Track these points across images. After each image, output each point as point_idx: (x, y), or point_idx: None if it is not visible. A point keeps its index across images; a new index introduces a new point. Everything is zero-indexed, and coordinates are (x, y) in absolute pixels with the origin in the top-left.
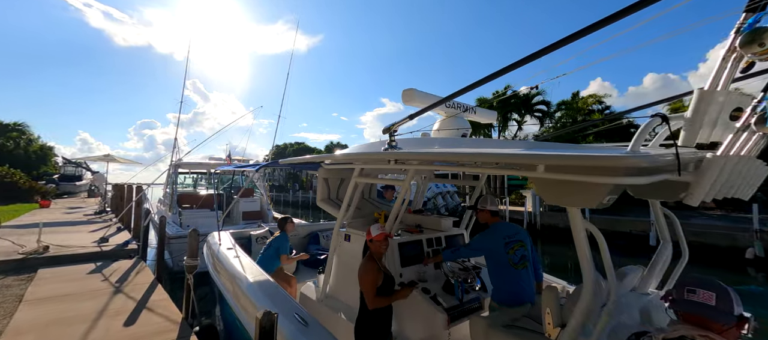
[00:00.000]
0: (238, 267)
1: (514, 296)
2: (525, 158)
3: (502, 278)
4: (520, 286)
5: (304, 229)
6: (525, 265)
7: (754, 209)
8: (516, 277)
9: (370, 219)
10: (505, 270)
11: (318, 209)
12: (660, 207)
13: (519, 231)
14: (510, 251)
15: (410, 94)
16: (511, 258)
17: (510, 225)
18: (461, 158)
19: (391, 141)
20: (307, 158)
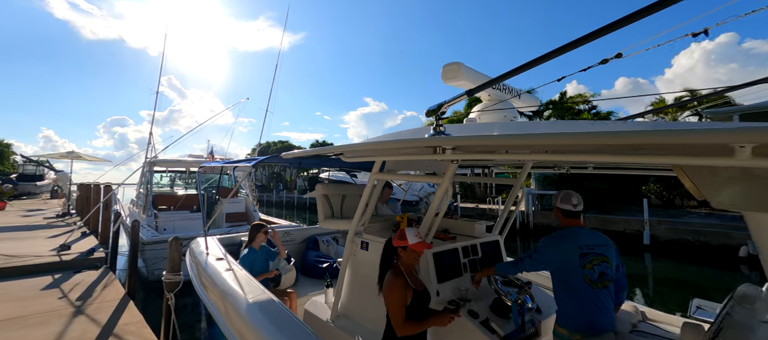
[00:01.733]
0: (231, 282)
1: (591, 322)
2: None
3: (574, 298)
4: (598, 309)
5: (300, 233)
6: (605, 284)
7: None
8: (593, 297)
9: (389, 224)
10: (580, 288)
11: (303, 209)
12: None
13: (603, 242)
14: (587, 265)
15: (455, 69)
16: (587, 274)
17: (591, 232)
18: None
19: (439, 126)
20: (319, 151)
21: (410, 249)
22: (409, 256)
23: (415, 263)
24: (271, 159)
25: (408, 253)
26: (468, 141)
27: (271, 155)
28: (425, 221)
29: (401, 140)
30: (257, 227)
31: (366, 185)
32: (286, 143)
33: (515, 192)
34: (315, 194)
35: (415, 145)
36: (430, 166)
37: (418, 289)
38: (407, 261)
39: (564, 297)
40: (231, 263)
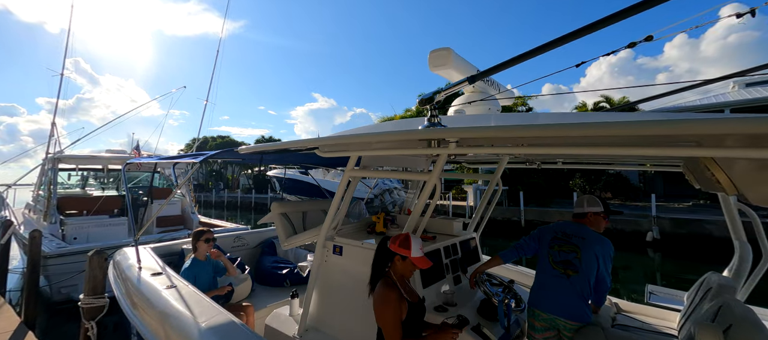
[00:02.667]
0: (174, 302)
1: (557, 303)
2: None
3: (538, 277)
4: (566, 295)
5: (254, 236)
6: (567, 272)
7: (652, 198)
8: (557, 281)
9: (363, 224)
10: (543, 265)
11: (248, 209)
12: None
13: (583, 236)
14: (555, 246)
15: (444, 56)
16: (552, 254)
17: (580, 227)
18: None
19: (433, 117)
20: (289, 144)
21: (410, 261)
22: (406, 267)
23: (410, 275)
24: (225, 154)
25: (406, 264)
26: (473, 133)
27: (225, 150)
28: (411, 221)
29: (390, 133)
30: (199, 233)
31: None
32: (227, 139)
33: (491, 188)
34: (269, 217)
35: (408, 137)
36: (407, 162)
37: (413, 300)
38: (401, 271)
39: (535, 278)
40: (173, 278)
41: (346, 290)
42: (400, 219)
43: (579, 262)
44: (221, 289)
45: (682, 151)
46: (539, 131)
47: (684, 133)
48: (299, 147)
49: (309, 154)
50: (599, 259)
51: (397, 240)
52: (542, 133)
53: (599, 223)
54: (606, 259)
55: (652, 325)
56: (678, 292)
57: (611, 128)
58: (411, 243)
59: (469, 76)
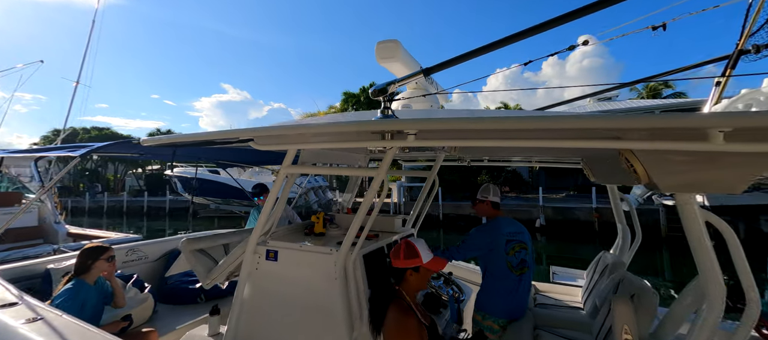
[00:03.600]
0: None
1: (509, 308)
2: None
3: (496, 284)
4: (517, 295)
5: (155, 248)
6: (523, 270)
7: (539, 191)
8: (512, 284)
9: (300, 226)
10: (503, 275)
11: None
12: (617, 192)
13: (523, 231)
14: (510, 251)
15: (392, 48)
16: (510, 261)
17: (513, 222)
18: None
19: (386, 109)
20: (214, 136)
21: (424, 270)
22: (422, 279)
23: (425, 286)
24: (122, 146)
25: (421, 275)
26: (433, 125)
27: (122, 141)
28: (357, 220)
29: (342, 124)
30: (96, 251)
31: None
32: (106, 131)
33: (429, 184)
34: (180, 264)
35: (361, 129)
36: (342, 159)
37: (427, 322)
38: (416, 286)
39: (488, 283)
40: (37, 309)
41: (284, 300)
42: (340, 219)
43: (529, 258)
44: (115, 324)
45: (612, 144)
46: (497, 123)
47: (617, 127)
48: (228, 139)
49: (236, 149)
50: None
51: (400, 253)
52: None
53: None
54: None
55: (563, 301)
56: (576, 271)
57: (566, 122)
58: (417, 248)
59: (423, 69)
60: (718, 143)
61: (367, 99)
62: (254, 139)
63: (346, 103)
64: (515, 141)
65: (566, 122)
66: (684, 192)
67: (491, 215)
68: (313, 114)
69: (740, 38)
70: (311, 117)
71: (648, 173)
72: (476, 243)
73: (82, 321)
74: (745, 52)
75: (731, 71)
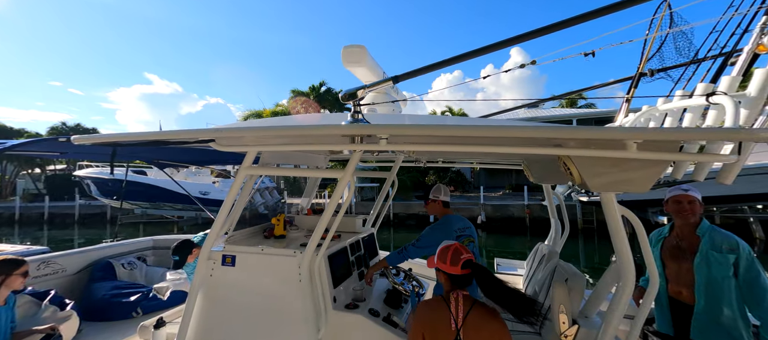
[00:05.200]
0: None
1: None
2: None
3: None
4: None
5: (75, 259)
6: None
7: (481, 190)
8: None
9: (257, 229)
10: None
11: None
12: (551, 190)
13: (470, 226)
14: None
15: (359, 53)
16: None
17: (461, 218)
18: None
19: (356, 113)
20: (168, 135)
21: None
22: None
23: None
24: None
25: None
26: (404, 130)
27: (46, 138)
28: (321, 222)
29: (311, 127)
30: (8, 265)
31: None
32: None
33: (388, 185)
34: None
35: (331, 133)
36: (308, 160)
37: None
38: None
39: None
40: None
41: (243, 307)
42: (299, 221)
43: (476, 250)
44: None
45: (554, 150)
46: (461, 131)
47: (559, 137)
48: (185, 139)
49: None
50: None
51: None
52: (463, 133)
53: None
54: None
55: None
56: (517, 261)
57: (520, 131)
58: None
59: (392, 77)
60: (633, 152)
61: (316, 98)
62: (216, 140)
63: (294, 101)
64: (475, 147)
65: (520, 131)
66: (607, 191)
67: (441, 213)
68: (258, 111)
69: (640, 63)
70: (255, 115)
71: (581, 175)
72: (430, 240)
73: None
74: (643, 74)
75: (634, 90)
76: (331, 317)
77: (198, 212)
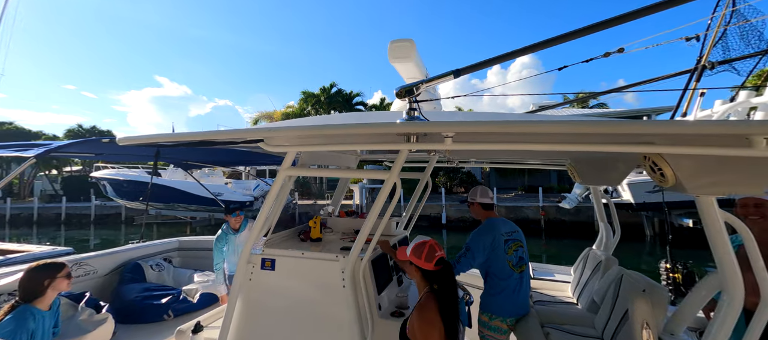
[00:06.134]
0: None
1: (513, 306)
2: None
3: (502, 284)
4: (519, 293)
5: (105, 260)
6: (522, 268)
7: (494, 191)
8: (515, 283)
9: (291, 233)
10: (506, 275)
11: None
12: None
13: (517, 229)
14: (509, 250)
15: (408, 47)
16: (510, 260)
17: (506, 221)
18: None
19: (413, 110)
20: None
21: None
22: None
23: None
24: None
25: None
26: (471, 128)
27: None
28: (366, 226)
29: (359, 126)
30: (51, 269)
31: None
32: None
33: (421, 185)
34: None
35: (385, 131)
36: (339, 160)
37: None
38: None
39: (491, 284)
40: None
41: (283, 312)
42: (333, 223)
43: (526, 255)
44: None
45: (642, 148)
46: (536, 127)
47: (652, 133)
48: (232, 140)
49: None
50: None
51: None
52: (537, 130)
53: None
54: None
55: (557, 297)
56: (551, 266)
57: (604, 127)
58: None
59: (454, 70)
60: (761, 149)
61: (327, 99)
62: (265, 140)
63: (305, 103)
64: (543, 145)
65: (604, 127)
66: (710, 194)
67: (484, 216)
68: (269, 113)
69: (702, 55)
70: (267, 117)
71: (676, 176)
72: (479, 246)
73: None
74: (704, 67)
75: (696, 84)
76: (377, 326)
77: (211, 212)
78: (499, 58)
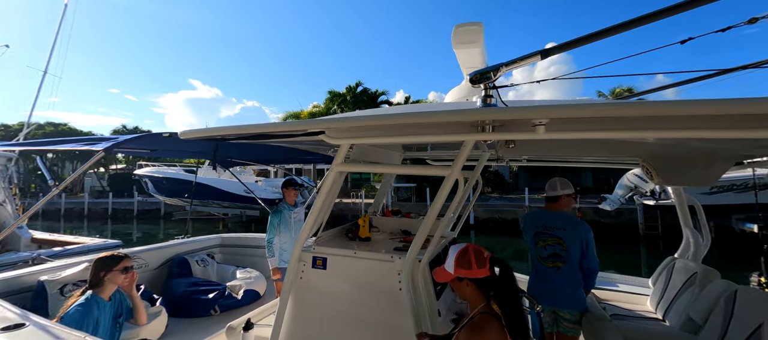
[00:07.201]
0: None
1: (538, 293)
2: None
3: (532, 271)
4: (545, 283)
5: (155, 254)
6: (556, 264)
7: (526, 191)
8: (542, 272)
9: (341, 230)
10: (534, 263)
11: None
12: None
13: (564, 227)
14: (539, 242)
15: (476, 32)
16: (539, 251)
17: (556, 215)
18: None
19: (489, 97)
20: (270, 127)
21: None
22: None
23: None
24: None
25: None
26: (569, 112)
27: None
28: (424, 226)
29: (436, 114)
30: (112, 260)
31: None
32: (64, 127)
33: (471, 184)
34: None
35: (454, 119)
36: (384, 156)
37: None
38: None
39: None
40: (52, 330)
41: (335, 315)
42: (378, 222)
43: (566, 253)
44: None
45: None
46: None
47: None
48: (293, 131)
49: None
50: (583, 245)
51: (471, 261)
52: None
53: (570, 204)
54: (590, 242)
55: (634, 310)
56: (609, 274)
57: (720, 106)
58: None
59: (541, 50)
60: None
61: (353, 98)
62: (326, 132)
63: (331, 102)
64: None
65: (750, 107)
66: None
67: (548, 208)
68: (296, 113)
69: None
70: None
71: None
72: (524, 234)
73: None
74: None
75: None
76: (436, 332)
77: (242, 209)
78: (590, 37)
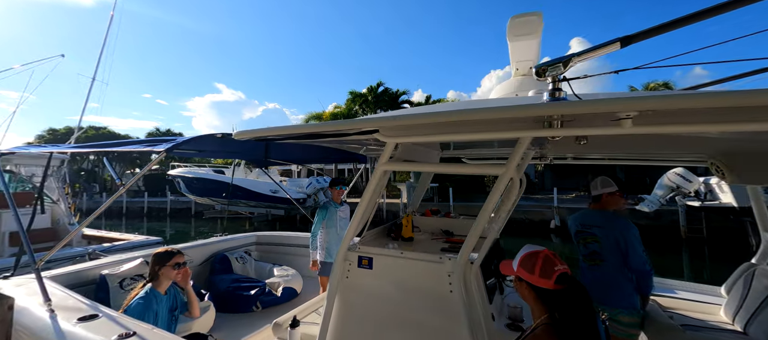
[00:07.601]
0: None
1: (598, 295)
2: None
3: (578, 275)
4: (587, 281)
5: (199, 250)
6: (595, 261)
7: (554, 191)
8: (585, 271)
9: (384, 229)
10: (579, 265)
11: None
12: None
13: (601, 225)
14: (580, 241)
15: (535, 23)
16: (580, 249)
17: (596, 213)
18: None
19: (557, 90)
20: (328, 127)
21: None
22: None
23: None
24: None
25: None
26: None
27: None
28: (477, 225)
29: (497, 109)
30: (162, 257)
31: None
32: (104, 131)
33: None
34: None
35: (516, 115)
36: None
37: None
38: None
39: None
40: (122, 321)
41: (382, 316)
42: (418, 222)
43: (601, 250)
44: None
45: None
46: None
47: None
48: (345, 130)
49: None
50: (621, 243)
51: (536, 267)
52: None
53: (617, 202)
54: (629, 240)
55: (708, 321)
56: (663, 280)
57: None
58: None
59: (621, 38)
60: None
61: (374, 98)
62: (380, 130)
63: (352, 103)
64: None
65: None
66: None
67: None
68: (317, 114)
69: None
70: (316, 117)
71: None
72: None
73: (178, 337)
74: None
75: None
76: (492, 339)
77: (268, 209)
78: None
